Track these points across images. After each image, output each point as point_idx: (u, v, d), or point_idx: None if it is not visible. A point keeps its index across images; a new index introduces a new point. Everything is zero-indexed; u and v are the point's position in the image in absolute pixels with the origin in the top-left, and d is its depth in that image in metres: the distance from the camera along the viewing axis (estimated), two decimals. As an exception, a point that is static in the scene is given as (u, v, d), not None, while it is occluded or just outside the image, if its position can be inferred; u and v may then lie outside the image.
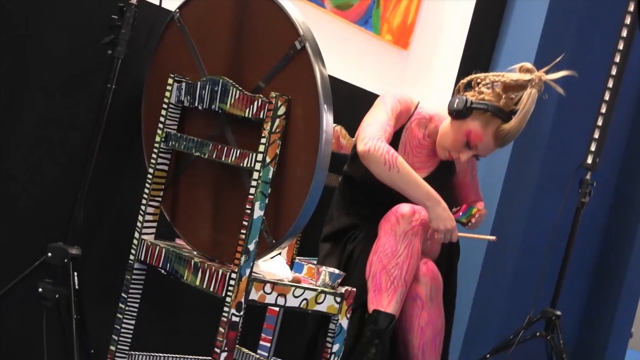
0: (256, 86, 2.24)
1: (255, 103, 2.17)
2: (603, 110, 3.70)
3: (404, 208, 2.57)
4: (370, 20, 3.33)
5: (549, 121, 4.04)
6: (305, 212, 2.14)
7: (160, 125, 2.42)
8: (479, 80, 2.72)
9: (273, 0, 2.19)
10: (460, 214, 2.84)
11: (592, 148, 3.71)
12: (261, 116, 2.15)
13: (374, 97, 2.79)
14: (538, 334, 3.78)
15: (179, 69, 2.44)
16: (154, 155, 2.42)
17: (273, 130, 2.13)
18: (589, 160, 3.72)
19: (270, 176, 2.14)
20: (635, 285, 5.31)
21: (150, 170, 2.42)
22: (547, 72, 2.64)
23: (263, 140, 2.13)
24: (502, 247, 2.79)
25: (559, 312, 3.77)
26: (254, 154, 2.15)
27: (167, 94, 2.41)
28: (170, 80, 2.41)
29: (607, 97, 3.70)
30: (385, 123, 2.64)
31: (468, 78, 2.76)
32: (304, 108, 2.14)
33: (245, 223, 2.13)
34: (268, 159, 2.13)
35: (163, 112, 2.42)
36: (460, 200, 3.04)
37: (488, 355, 3.78)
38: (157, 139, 2.42)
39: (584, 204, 3.76)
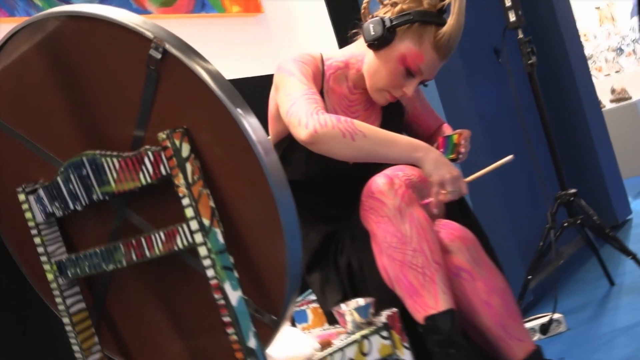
0: (134, 138, 1.54)
1: (146, 160, 1.49)
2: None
3: (377, 183, 1.92)
4: (206, 1, 2.66)
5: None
6: (292, 254, 1.47)
7: (44, 258, 1.71)
8: None
9: (88, 16, 1.49)
10: (442, 151, 2.19)
11: (508, 3, 3.14)
12: (164, 172, 1.47)
13: (266, 79, 2.13)
14: (566, 224, 3.22)
15: (25, 175, 1.72)
16: (58, 300, 1.71)
17: (190, 181, 1.45)
18: (512, 18, 3.15)
19: (221, 240, 1.46)
20: (598, 121, 4.86)
21: (66, 320, 1.72)
22: None
23: (185, 201, 1.45)
24: (479, 161, 2.26)
25: (573, 190, 3.22)
26: (184, 225, 1.47)
27: (28, 214, 1.69)
28: (21, 197, 1.69)
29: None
30: (309, 92, 1.98)
31: None
32: (211, 129, 1.46)
33: (227, 319, 1.45)
34: (206, 221, 1.45)
35: (37, 240, 1.71)
36: (422, 134, 2.42)
37: (530, 277, 3.20)
38: (50, 276, 1.71)
39: (534, 65, 3.20)
